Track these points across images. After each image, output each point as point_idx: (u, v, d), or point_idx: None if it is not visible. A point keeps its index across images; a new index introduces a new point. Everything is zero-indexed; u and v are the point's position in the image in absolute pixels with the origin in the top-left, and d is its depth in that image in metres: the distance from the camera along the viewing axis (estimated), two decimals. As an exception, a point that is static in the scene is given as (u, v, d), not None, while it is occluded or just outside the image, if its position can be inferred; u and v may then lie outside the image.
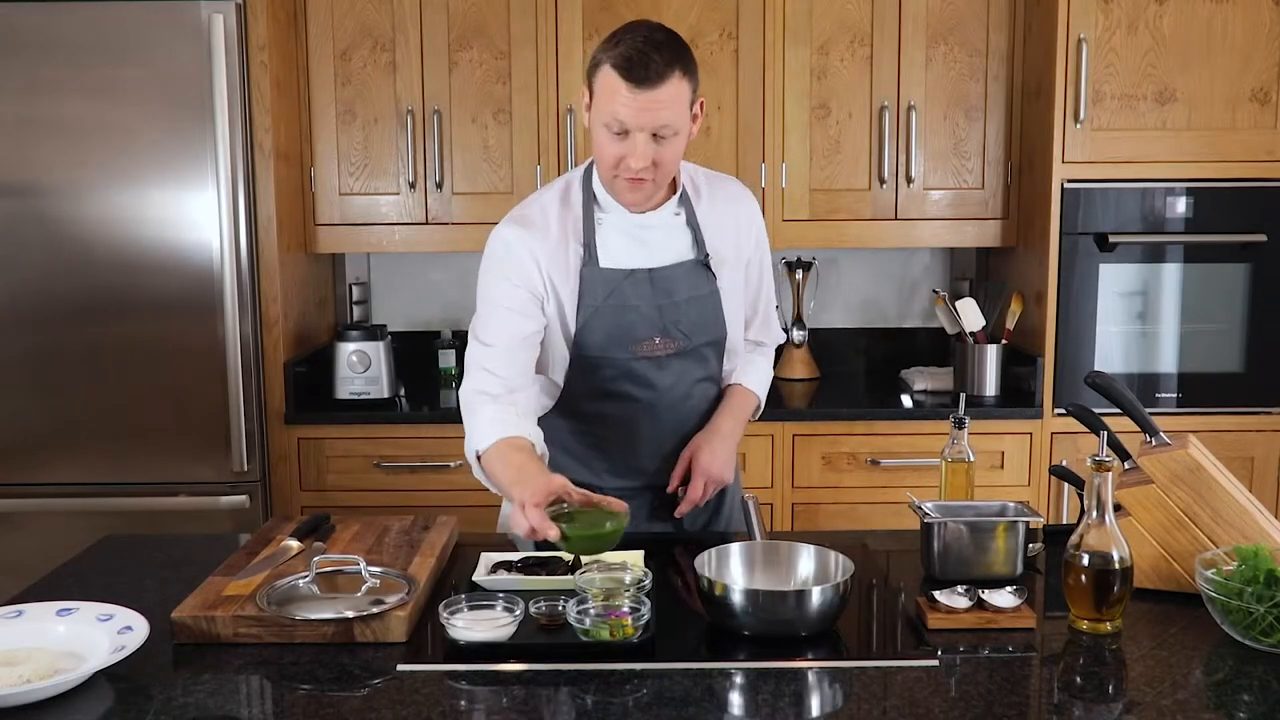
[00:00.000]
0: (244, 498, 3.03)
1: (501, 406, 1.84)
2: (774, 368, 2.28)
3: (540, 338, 1.93)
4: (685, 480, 2.02)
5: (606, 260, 1.92)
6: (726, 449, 2.02)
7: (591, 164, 1.97)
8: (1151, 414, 1.80)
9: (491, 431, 1.80)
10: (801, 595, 1.52)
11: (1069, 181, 3.02)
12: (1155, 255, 3.06)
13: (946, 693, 1.38)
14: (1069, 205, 3.02)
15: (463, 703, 1.39)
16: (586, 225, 1.93)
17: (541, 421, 1.98)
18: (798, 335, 3.51)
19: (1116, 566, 1.54)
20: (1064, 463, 2.14)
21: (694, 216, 1.97)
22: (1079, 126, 2.99)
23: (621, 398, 1.98)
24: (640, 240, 1.94)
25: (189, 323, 2.99)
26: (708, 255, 1.97)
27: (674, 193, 1.96)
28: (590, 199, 1.94)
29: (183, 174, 2.95)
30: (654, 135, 1.78)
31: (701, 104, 1.86)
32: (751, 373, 2.15)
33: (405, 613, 1.54)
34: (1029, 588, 1.68)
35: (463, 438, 1.89)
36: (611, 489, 1.98)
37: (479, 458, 1.83)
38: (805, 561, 1.66)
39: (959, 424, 1.93)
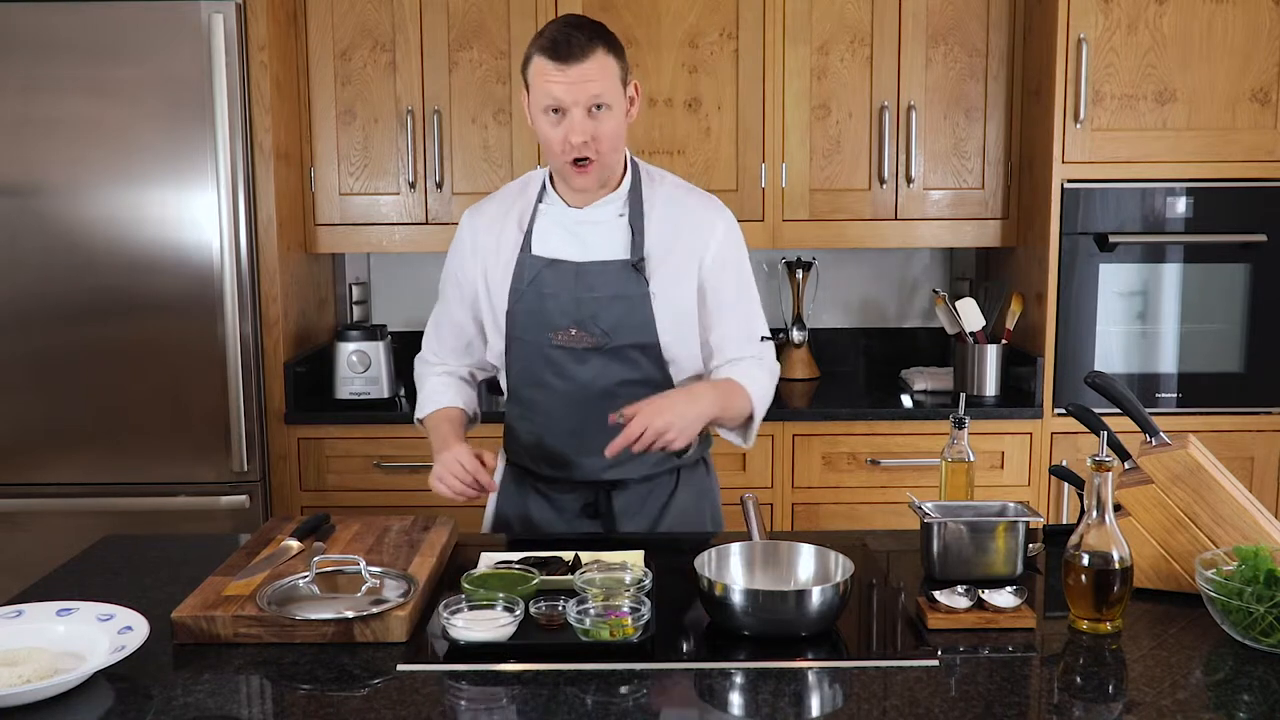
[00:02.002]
0: (244, 498, 3.03)
1: (442, 377, 2.18)
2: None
3: (481, 319, 2.11)
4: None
5: (539, 249, 2.02)
6: (687, 406, 1.89)
7: None
8: (1151, 414, 1.80)
9: (429, 403, 2.15)
10: (801, 595, 1.52)
11: (1069, 181, 3.02)
12: (1155, 255, 3.06)
13: (946, 693, 1.38)
14: (1069, 205, 3.02)
15: (463, 703, 1.39)
16: (532, 214, 2.03)
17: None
18: (798, 335, 3.51)
19: (1116, 566, 1.54)
20: (1064, 463, 2.14)
21: (639, 219, 2.00)
22: (1079, 126, 2.99)
23: (544, 384, 2.05)
24: (575, 235, 2.01)
25: (189, 323, 2.99)
26: (641, 259, 1.98)
27: (618, 188, 2.01)
28: (542, 191, 2.05)
29: (183, 174, 2.95)
30: (589, 111, 1.86)
31: (637, 87, 1.95)
32: (738, 372, 2.04)
33: (405, 613, 1.54)
34: (1029, 588, 1.69)
35: None
36: (548, 478, 2.11)
37: (421, 423, 2.16)
38: (805, 561, 1.66)
39: (959, 424, 1.93)
